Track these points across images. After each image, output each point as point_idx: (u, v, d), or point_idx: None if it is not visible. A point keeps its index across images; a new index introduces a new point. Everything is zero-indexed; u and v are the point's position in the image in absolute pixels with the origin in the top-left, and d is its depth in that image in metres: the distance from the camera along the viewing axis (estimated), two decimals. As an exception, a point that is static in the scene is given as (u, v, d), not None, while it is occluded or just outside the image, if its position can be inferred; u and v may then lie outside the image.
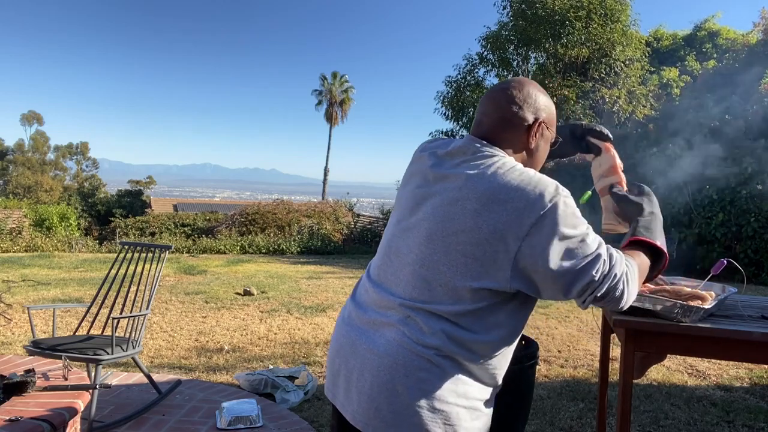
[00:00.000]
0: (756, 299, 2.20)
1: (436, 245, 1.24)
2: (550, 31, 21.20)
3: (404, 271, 1.30)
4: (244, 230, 18.18)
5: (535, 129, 1.33)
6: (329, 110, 46.59)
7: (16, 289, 7.72)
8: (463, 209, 1.21)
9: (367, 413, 1.25)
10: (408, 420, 1.21)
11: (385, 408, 1.23)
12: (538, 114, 1.34)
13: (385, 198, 55.03)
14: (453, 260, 1.21)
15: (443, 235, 1.23)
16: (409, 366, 1.22)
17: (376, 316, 1.31)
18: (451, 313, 1.22)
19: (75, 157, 50.75)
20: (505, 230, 1.17)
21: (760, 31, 15.16)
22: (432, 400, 1.22)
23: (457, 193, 1.24)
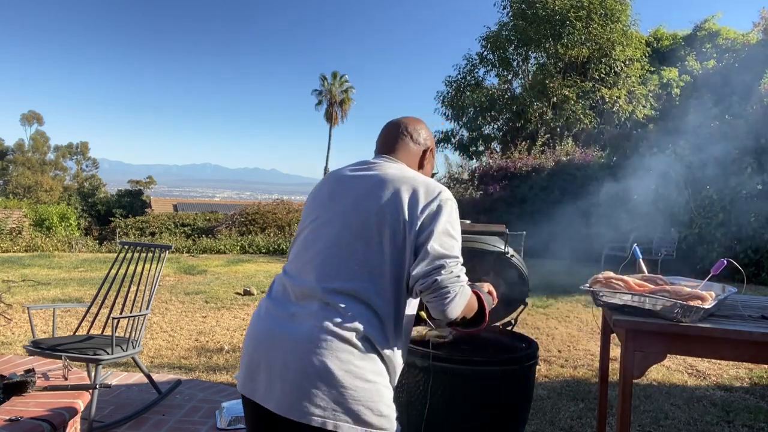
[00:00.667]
0: (756, 299, 2.20)
1: (355, 238, 1.41)
2: (551, 31, 21.20)
3: (319, 258, 1.43)
4: (244, 230, 18.18)
5: (428, 153, 1.67)
6: (329, 110, 46.59)
7: (16, 289, 7.72)
8: (377, 197, 1.42)
9: (292, 398, 1.31)
10: (335, 399, 1.29)
11: (311, 390, 1.29)
12: (429, 143, 1.67)
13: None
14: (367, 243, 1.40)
15: (360, 220, 1.41)
16: (332, 348, 1.31)
17: (295, 309, 1.40)
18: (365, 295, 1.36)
19: (75, 157, 50.75)
20: (412, 211, 1.39)
21: (760, 31, 15.16)
22: (356, 378, 1.30)
23: (372, 185, 1.45)
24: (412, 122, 1.67)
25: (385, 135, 1.66)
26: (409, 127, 1.65)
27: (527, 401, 2.36)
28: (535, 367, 2.31)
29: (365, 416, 1.30)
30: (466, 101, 22.82)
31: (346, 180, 1.52)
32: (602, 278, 1.98)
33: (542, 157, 16.27)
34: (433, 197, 1.40)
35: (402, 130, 1.64)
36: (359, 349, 1.32)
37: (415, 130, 1.65)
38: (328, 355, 1.30)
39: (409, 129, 1.65)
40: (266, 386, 1.37)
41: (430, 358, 2.17)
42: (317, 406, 1.29)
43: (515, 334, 2.53)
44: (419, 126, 1.67)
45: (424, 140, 1.65)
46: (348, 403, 1.29)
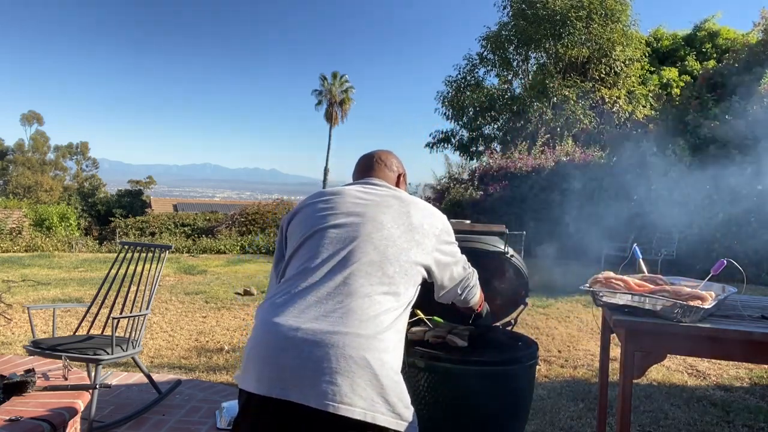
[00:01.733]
0: (756, 299, 2.20)
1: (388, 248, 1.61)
2: (551, 31, 21.20)
3: (354, 260, 1.55)
4: (244, 230, 18.18)
5: (402, 178, 1.92)
6: (329, 110, 46.58)
7: (16, 289, 7.72)
8: (405, 222, 1.63)
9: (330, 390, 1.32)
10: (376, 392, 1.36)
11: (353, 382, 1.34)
12: (401, 169, 1.94)
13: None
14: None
15: (394, 240, 1.59)
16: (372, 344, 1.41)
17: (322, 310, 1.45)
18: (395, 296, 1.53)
19: (75, 157, 50.70)
20: (433, 234, 1.66)
21: (760, 31, 15.15)
22: (391, 371, 1.40)
23: (399, 210, 1.65)
24: (384, 154, 1.93)
25: (363, 165, 1.90)
26: (382, 156, 1.91)
27: (527, 401, 2.36)
28: (535, 367, 2.30)
29: (398, 408, 1.38)
30: (466, 101, 22.82)
31: (358, 195, 1.69)
32: (602, 278, 1.98)
33: (542, 157, 16.26)
34: (443, 219, 1.73)
35: (376, 160, 1.89)
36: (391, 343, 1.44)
37: (388, 159, 1.91)
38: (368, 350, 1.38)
39: (383, 158, 1.90)
40: (309, 384, 1.35)
41: (430, 359, 2.17)
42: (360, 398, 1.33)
43: (515, 334, 2.53)
44: (390, 156, 1.93)
45: (396, 167, 1.91)
46: (386, 395, 1.36)
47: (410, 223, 1.59)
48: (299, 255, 1.55)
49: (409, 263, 1.54)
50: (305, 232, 1.59)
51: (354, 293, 1.42)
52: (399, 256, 1.52)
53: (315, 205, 1.66)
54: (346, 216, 1.58)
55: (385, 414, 1.35)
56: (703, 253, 11.43)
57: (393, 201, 1.65)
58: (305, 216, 1.64)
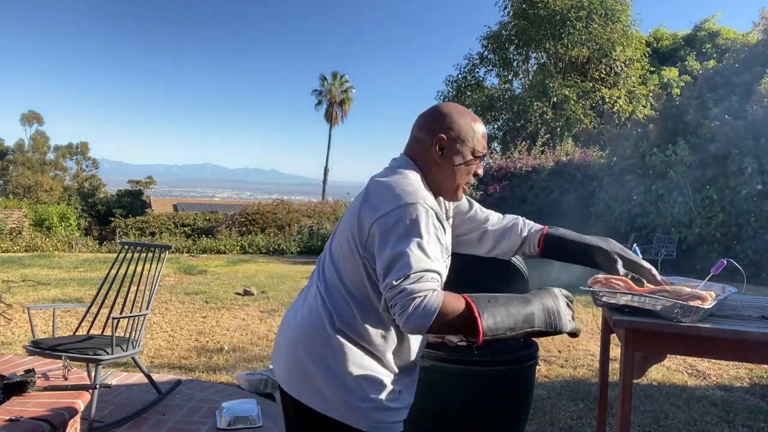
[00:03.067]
0: (756, 299, 2.20)
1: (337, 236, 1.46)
2: (551, 31, 21.20)
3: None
4: (244, 230, 18.18)
5: (436, 145, 1.43)
6: (329, 110, 46.57)
7: (16, 289, 7.72)
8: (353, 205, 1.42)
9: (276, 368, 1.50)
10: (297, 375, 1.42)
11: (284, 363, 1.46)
12: (440, 131, 1.43)
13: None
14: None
15: (341, 226, 1.45)
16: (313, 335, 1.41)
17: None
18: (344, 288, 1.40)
19: (75, 157, 50.67)
20: (364, 219, 1.33)
21: (760, 31, 15.15)
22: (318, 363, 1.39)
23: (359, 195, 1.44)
24: (426, 111, 1.49)
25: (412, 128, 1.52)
26: (419, 118, 1.49)
27: (527, 401, 2.36)
28: (535, 367, 2.31)
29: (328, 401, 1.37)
30: (466, 101, 22.82)
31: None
32: (602, 278, 1.98)
33: (542, 157, 16.27)
34: (377, 211, 1.30)
35: (416, 126, 1.49)
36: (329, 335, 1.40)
37: (426, 116, 1.47)
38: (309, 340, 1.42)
39: (421, 117, 1.48)
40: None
41: (430, 359, 2.17)
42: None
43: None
44: (430, 113, 1.47)
45: (429, 131, 1.44)
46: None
47: (349, 216, 1.41)
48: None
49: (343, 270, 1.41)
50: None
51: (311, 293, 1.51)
52: (336, 262, 1.42)
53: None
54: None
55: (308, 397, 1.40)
56: (703, 253, 11.44)
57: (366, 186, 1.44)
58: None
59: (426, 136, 1.44)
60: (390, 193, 1.32)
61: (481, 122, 1.49)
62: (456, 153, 1.43)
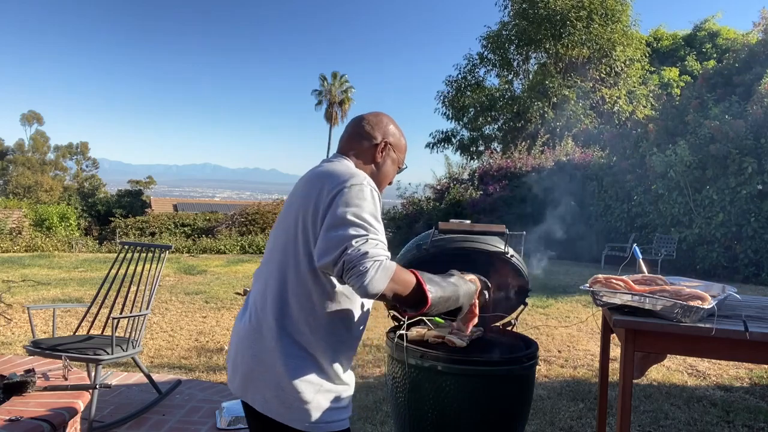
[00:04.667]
0: (756, 299, 2.21)
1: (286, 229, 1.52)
2: (551, 31, 21.20)
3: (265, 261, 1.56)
4: (244, 230, 18.18)
5: (381, 147, 1.59)
6: (329, 110, 46.60)
7: (16, 289, 7.72)
8: (298, 194, 1.49)
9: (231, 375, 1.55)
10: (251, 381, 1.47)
11: (239, 370, 1.50)
12: (386, 137, 1.60)
13: (385, 198, 54.99)
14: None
15: (290, 219, 1.49)
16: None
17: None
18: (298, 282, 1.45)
19: (75, 157, 50.65)
20: (316, 202, 1.40)
21: (760, 31, 15.15)
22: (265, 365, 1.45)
23: (301, 185, 1.51)
24: (368, 117, 1.63)
25: (343, 133, 1.66)
26: (362, 122, 1.62)
27: (527, 401, 2.36)
28: (535, 367, 2.30)
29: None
30: (466, 101, 22.83)
31: (295, 185, 1.59)
32: (602, 278, 1.98)
33: (542, 157, 16.27)
34: (336, 185, 1.39)
35: (354, 126, 1.63)
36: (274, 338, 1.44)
37: (368, 124, 1.61)
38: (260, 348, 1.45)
39: (362, 124, 1.62)
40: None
41: (430, 359, 2.17)
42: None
43: (515, 334, 2.53)
44: (374, 119, 1.62)
45: (377, 134, 1.60)
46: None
47: (302, 201, 1.46)
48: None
49: (300, 252, 1.43)
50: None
51: (259, 292, 1.53)
52: (294, 248, 1.45)
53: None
54: (282, 211, 1.59)
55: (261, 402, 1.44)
56: (703, 253, 11.44)
57: (305, 178, 1.53)
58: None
59: (374, 137, 1.59)
60: (340, 172, 1.43)
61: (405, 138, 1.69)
62: (391, 159, 1.62)
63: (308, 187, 1.46)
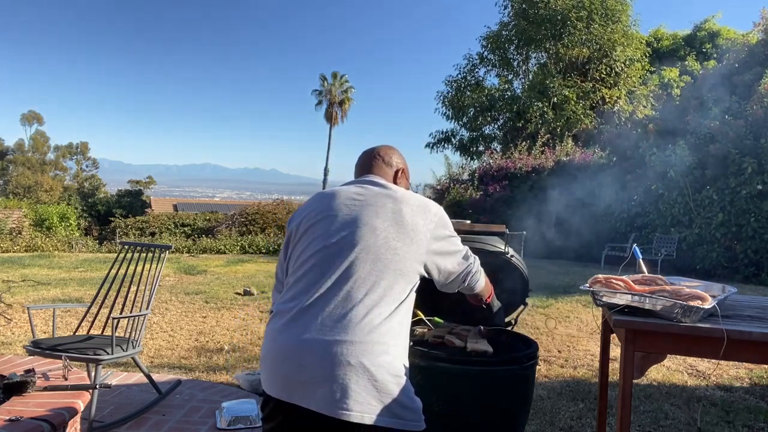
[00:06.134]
0: (756, 299, 2.21)
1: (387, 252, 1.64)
2: (551, 31, 21.20)
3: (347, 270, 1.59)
4: (244, 230, 18.18)
5: (401, 174, 1.89)
6: (329, 110, 46.58)
7: (16, 289, 7.72)
8: (402, 222, 1.63)
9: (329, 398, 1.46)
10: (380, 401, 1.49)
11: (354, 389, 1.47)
12: (400, 165, 1.91)
13: (385, 198, 54.92)
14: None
15: (394, 242, 1.63)
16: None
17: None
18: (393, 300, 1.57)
19: (75, 157, 50.66)
20: (423, 230, 1.64)
21: (760, 31, 15.14)
22: (387, 374, 1.49)
23: (392, 211, 1.65)
24: (383, 149, 1.91)
25: (362, 162, 1.89)
26: (381, 152, 1.89)
27: (527, 401, 2.36)
28: (535, 367, 2.30)
29: (394, 409, 1.46)
30: (466, 101, 22.82)
31: (353, 197, 1.69)
32: (602, 278, 1.98)
33: (542, 157, 16.26)
34: (432, 210, 1.69)
35: (375, 155, 1.88)
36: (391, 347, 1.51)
37: (386, 155, 1.89)
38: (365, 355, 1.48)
39: (381, 153, 1.88)
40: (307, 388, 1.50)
41: (430, 359, 2.17)
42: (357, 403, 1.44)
43: (515, 334, 2.53)
44: (390, 151, 1.91)
45: (396, 163, 1.89)
46: (382, 397, 1.45)
47: (403, 222, 1.60)
48: (304, 267, 1.60)
49: (405, 264, 1.56)
50: (308, 242, 1.64)
51: (355, 304, 1.49)
52: (395, 258, 1.55)
53: (315, 211, 1.69)
54: (342, 224, 1.61)
55: (381, 415, 1.44)
56: (703, 253, 11.44)
57: (386, 200, 1.65)
58: (308, 223, 1.67)
59: (403, 166, 1.92)
60: (427, 202, 1.73)
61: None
62: (407, 182, 1.93)
63: (399, 208, 1.64)
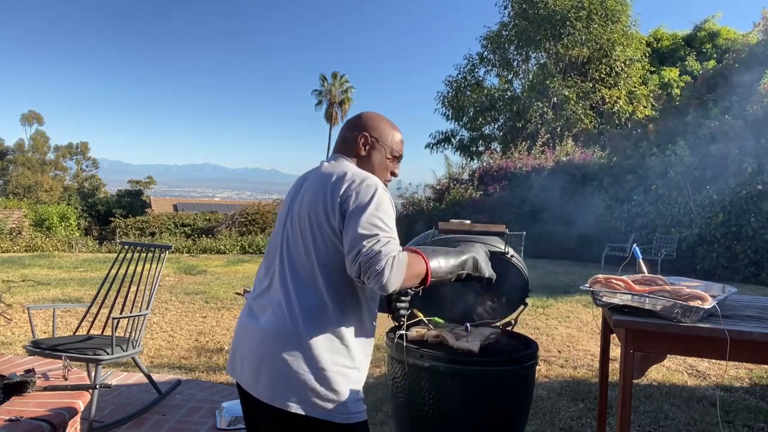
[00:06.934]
0: (756, 299, 2.21)
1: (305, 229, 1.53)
2: (551, 31, 21.21)
3: (277, 257, 1.58)
4: (244, 230, 18.18)
5: (361, 139, 1.64)
6: (329, 110, 46.59)
7: (16, 289, 7.72)
8: (317, 193, 1.51)
9: (251, 379, 1.50)
10: (282, 383, 1.45)
11: (264, 373, 1.47)
12: (368, 131, 1.65)
13: (385, 198, 54.88)
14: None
15: (310, 217, 1.51)
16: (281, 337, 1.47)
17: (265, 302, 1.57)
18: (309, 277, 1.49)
19: (75, 157, 50.66)
20: (335, 199, 1.46)
21: (760, 31, 15.15)
22: (304, 364, 1.44)
23: (315, 184, 1.54)
24: (358, 115, 1.73)
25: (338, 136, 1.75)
26: (349, 122, 1.72)
27: (527, 401, 2.36)
28: (535, 368, 2.30)
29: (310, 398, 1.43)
30: (466, 101, 22.83)
31: (296, 184, 1.66)
32: (602, 278, 1.98)
33: (542, 157, 16.27)
34: (345, 185, 1.46)
35: (344, 127, 1.72)
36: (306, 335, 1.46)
37: (353, 119, 1.71)
38: (279, 343, 1.46)
39: (349, 120, 1.72)
40: (240, 367, 1.56)
41: (430, 359, 2.17)
42: (267, 387, 1.46)
43: (515, 334, 2.53)
44: (360, 118, 1.70)
45: (360, 128, 1.66)
46: (295, 387, 1.44)
47: (311, 201, 1.51)
48: (266, 254, 1.67)
49: (316, 250, 1.48)
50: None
51: (275, 292, 1.52)
52: (306, 246, 1.49)
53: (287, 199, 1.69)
54: (284, 210, 1.63)
55: (297, 403, 1.43)
56: (703, 253, 11.44)
57: (310, 179, 1.59)
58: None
59: (352, 135, 1.65)
60: (350, 175, 1.49)
61: (399, 131, 1.72)
62: (377, 150, 1.66)
63: (314, 188, 1.52)
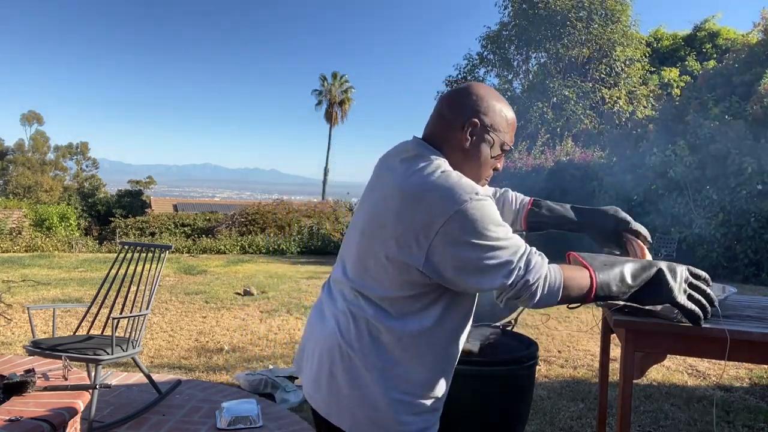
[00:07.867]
0: (756, 299, 2.20)
1: (367, 238, 1.27)
2: (551, 31, 21.23)
3: (349, 261, 1.34)
4: (244, 230, 18.16)
5: (467, 128, 1.28)
6: (329, 110, 46.59)
7: (16, 289, 7.72)
8: (387, 206, 1.23)
9: (311, 388, 1.33)
10: (339, 402, 1.27)
11: (324, 386, 1.29)
12: (480, 116, 1.28)
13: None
14: (378, 253, 1.23)
15: (372, 228, 1.26)
16: (341, 353, 1.27)
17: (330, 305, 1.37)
18: (378, 298, 1.25)
19: (75, 157, 50.66)
20: (418, 228, 1.16)
21: (760, 31, 15.15)
22: (361, 388, 1.25)
23: (386, 190, 1.25)
24: (466, 88, 1.31)
25: (434, 109, 1.35)
26: (455, 93, 1.32)
27: (527, 402, 2.36)
28: (535, 368, 2.30)
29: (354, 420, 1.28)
30: (466, 101, 22.80)
31: (374, 179, 1.36)
32: (602, 278, 1.98)
33: (542, 157, 16.27)
34: (445, 213, 1.14)
35: (445, 102, 1.32)
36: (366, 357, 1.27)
37: (458, 95, 1.30)
38: (339, 358, 1.28)
39: (452, 95, 1.32)
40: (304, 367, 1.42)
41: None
42: (326, 403, 1.31)
43: (515, 334, 2.53)
44: (470, 95, 1.29)
45: (469, 110, 1.27)
46: (352, 409, 1.27)
47: (384, 213, 1.23)
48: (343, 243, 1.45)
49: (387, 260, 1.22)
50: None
51: (336, 300, 1.35)
52: (374, 253, 1.25)
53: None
54: (358, 207, 1.38)
55: (351, 426, 1.28)
56: (703, 253, 11.43)
57: (385, 178, 1.29)
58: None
59: (456, 118, 1.28)
60: (438, 194, 1.16)
61: (513, 112, 1.36)
62: (486, 142, 1.30)
63: (386, 206, 1.22)
